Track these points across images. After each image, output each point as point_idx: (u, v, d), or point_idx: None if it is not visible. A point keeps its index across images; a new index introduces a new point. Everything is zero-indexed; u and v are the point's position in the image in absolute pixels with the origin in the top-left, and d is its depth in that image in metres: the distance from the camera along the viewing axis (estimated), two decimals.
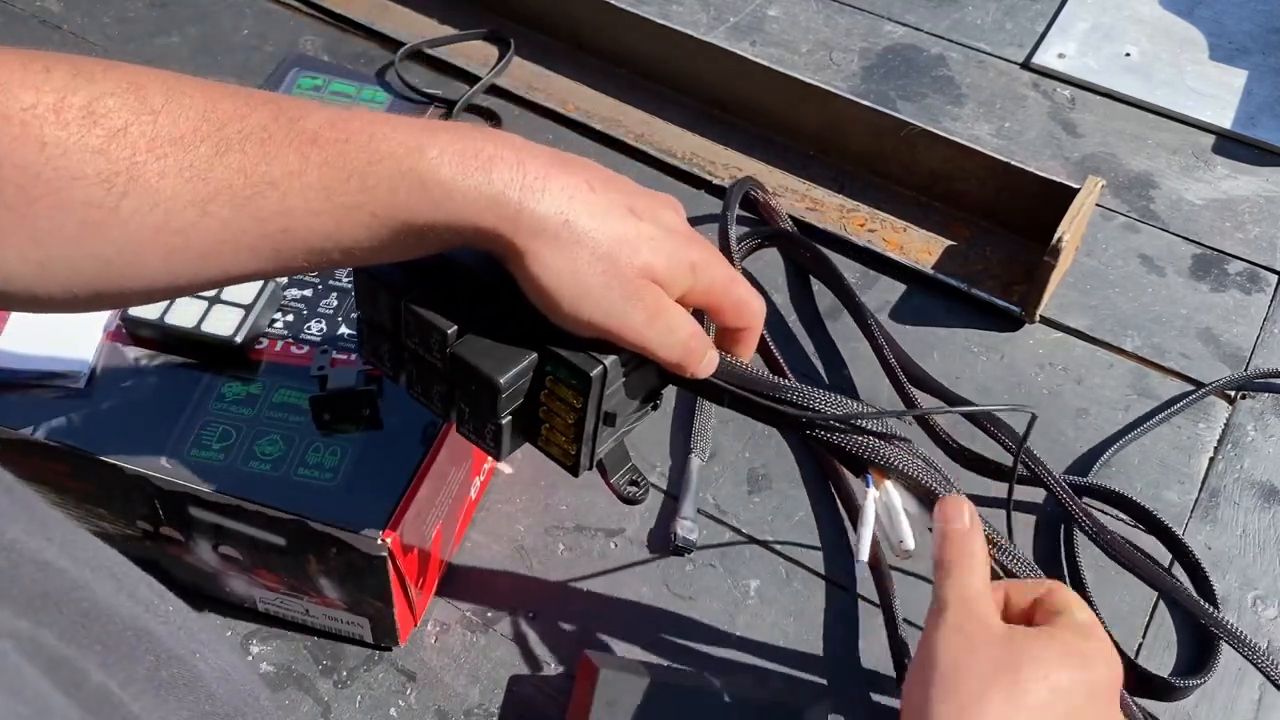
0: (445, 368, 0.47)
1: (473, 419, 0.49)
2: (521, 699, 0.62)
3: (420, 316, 0.47)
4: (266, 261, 0.43)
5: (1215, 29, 1.04)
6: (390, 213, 0.42)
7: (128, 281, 0.41)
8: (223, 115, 0.41)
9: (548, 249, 0.43)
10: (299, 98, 0.45)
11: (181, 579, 0.64)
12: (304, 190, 0.41)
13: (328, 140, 0.42)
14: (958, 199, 0.87)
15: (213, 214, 0.40)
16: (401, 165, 0.42)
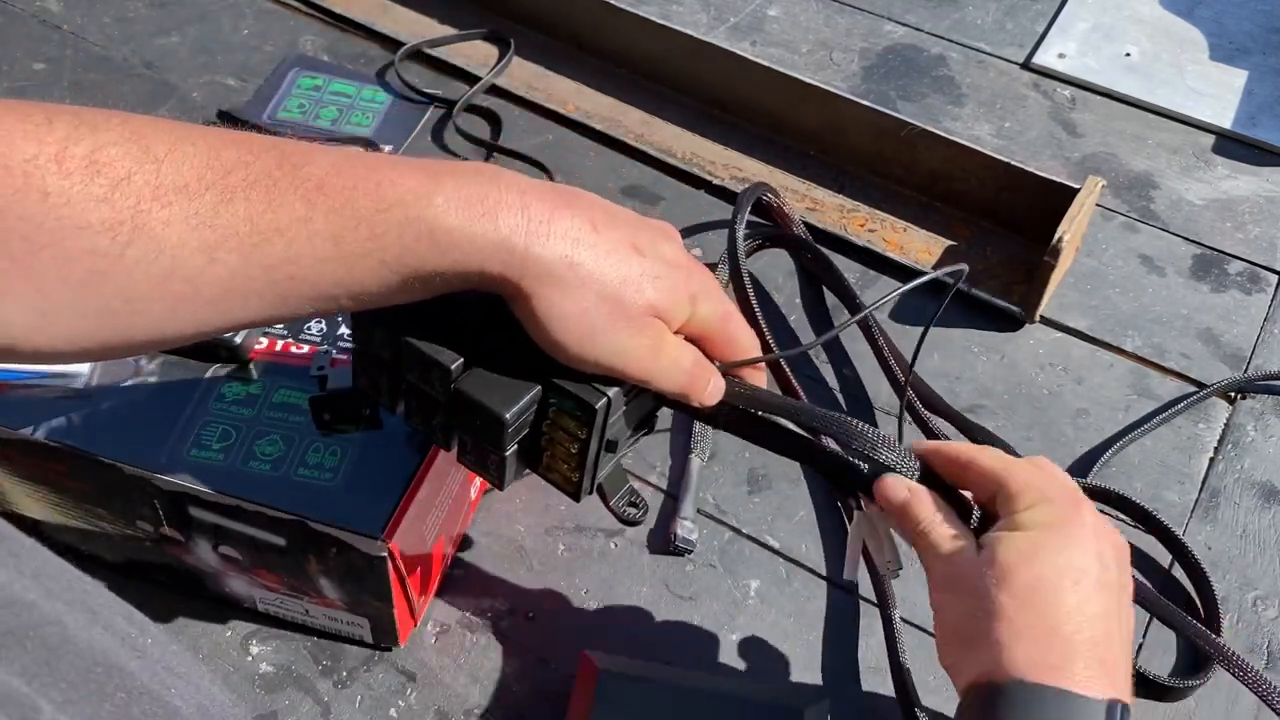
0: (447, 402, 0.47)
1: (475, 450, 0.49)
2: (521, 699, 0.62)
3: (421, 352, 0.47)
4: (273, 308, 0.43)
5: (1215, 29, 1.04)
6: (399, 260, 0.42)
7: (133, 331, 0.41)
8: (227, 162, 0.41)
9: (555, 292, 0.44)
10: (301, 142, 0.44)
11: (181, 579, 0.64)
12: (311, 238, 0.41)
13: (334, 187, 0.42)
14: (958, 199, 0.87)
15: (220, 261, 0.40)
16: (409, 213, 0.42)
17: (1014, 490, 0.47)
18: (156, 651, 0.41)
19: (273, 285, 0.42)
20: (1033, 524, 0.46)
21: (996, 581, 0.44)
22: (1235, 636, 0.66)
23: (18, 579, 0.36)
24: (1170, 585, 0.68)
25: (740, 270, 0.76)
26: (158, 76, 0.97)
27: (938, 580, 0.47)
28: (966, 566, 0.46)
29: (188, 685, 0.41)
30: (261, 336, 0.64)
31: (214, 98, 0.95)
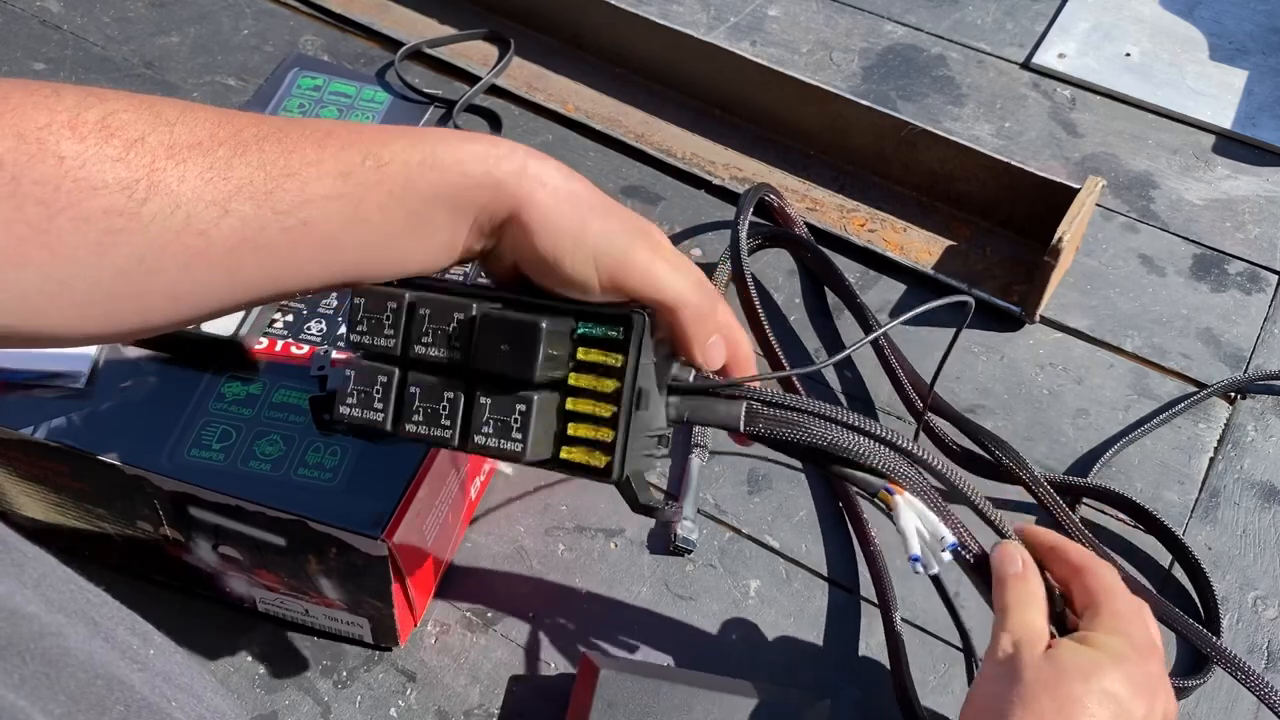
0: (465, 355, 0.45)
1: (494, 413, 0.45)
2: (521, 699, 0.62)
3: (436, 300, 0.46)
4: (283, 267, 0.43)
5: (1215, 29, 1.04)
6: (405, 189, 0.43)
7: (147, 297, 0.41)
8: (238, 123, 0.42)
9: (552, 197, 0.45)
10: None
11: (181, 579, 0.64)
12: (322, 177, 0.42)
13: (341, 133, 0.44)
14: (958, 199, 0.87)
15: (234, 211, 0.41)
16: (413, 141, 0.44)
17: (1106, 612, 0.48)
18: (159, 662, 0.40)
19: (284, 233, 0.42)
20: (1104, 647, 0.47)
21: (1045, 683, 0.46)
22: (1235, 636, 0.66)
23: (19, 589, 0.36)
24: (1170, 585, 0.68)
25: (744, 271, 0.76)
26: (158, 76, 0.97)
27: (997, 657, 0.48)
28: (1028, 656, 0.47)
29: (189, 697, 0.40)
30: (261, 336, 0.64)
31: (214, 98, 0.95)
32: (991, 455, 0.68)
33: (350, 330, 0.47)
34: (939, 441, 0.71)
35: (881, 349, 0.74)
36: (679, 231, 0.87)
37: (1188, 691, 0.62)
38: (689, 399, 0.48)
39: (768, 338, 0.75)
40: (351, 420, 0.47)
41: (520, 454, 0.44)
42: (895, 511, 0.49)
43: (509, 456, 0.45)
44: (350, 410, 0.47)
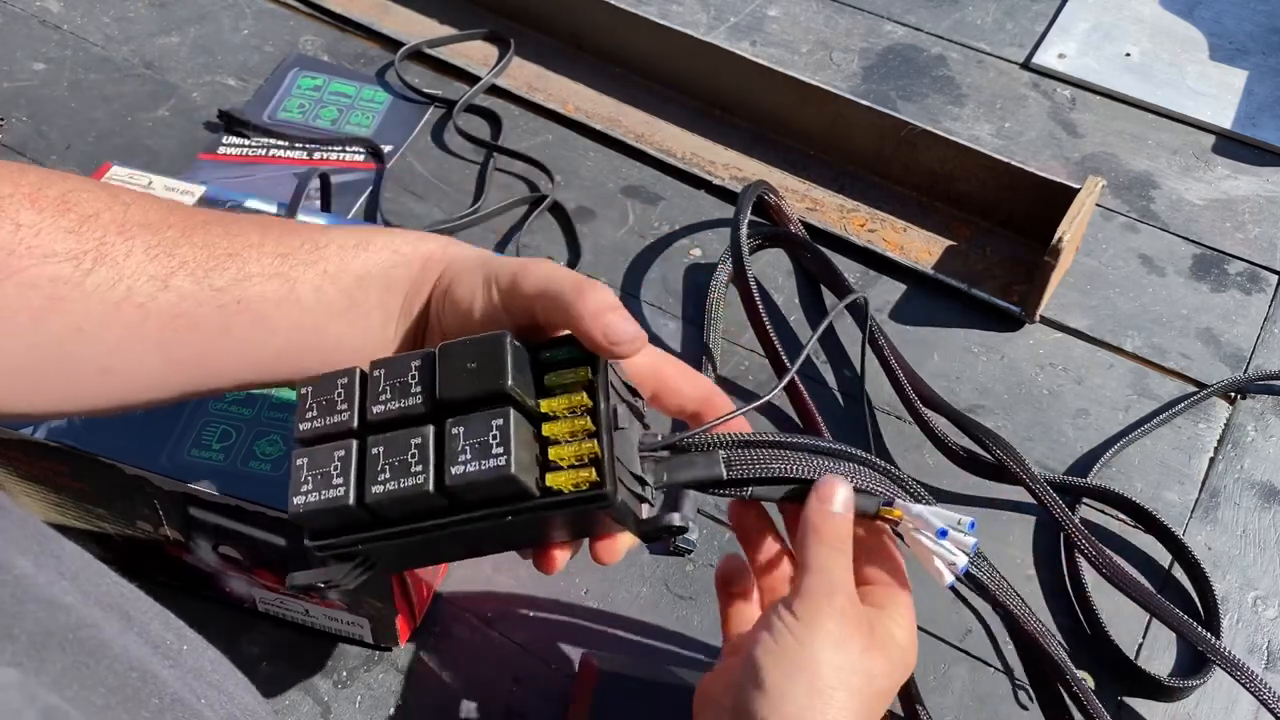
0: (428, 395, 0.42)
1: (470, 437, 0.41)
2: (521, 699, 0.62)
3: (390, 358, 0.43)
4: (217, 343, 0.43)
5: (1215, 29, 1.04)
6: (340, 268, 0.45)
7: (78, 368, 0.41)
8: (190, 210, 0.45)
9: (470, 255, 0.47)
10: None
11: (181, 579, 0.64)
12: (261, 258, 0.44)
13: (286, 224, 0.46)
14: (958, 199, 0.87)
15: (173, 287, 0.42)
16: (351, 232, 0.46)
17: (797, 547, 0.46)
18: (191, 659, 0.41)
19: (220, 310, 0.43)
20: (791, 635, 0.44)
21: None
22: (1235, 637, 0.66)
23: (58, 580, 0.37)
24: (1170, 585, 0.68)
25: (745, 269, 0.76)
26: (158, 76, 0.97)
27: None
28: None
29: (220, 694, 0.41)
30: None
31: (214, 98, 0.95)
32: (992, 455, 0.68)
33: (298, 423, 0.43)
34: (939, 441, 0.71)
35: (881, 349, 0.74)
36: (679, 231, 0.87)
37: (1188, 691, 0.62)
38: (662, 463, 0.46)
39: (769, 337, 0.75)
40: (308, 508, 0.41)
41: (505, 468, 0.40)
42: (905, 519, 0.47)
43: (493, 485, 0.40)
44: (306, 499, 0.41)
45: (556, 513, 0.42)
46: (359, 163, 0.90)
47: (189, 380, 0.44)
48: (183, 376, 0.44)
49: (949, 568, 0.46)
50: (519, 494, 0.41)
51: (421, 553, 0.45)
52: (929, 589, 0.67)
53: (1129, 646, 0.65)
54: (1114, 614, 0.66)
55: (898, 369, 0.73)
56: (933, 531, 0.46)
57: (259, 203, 0.73)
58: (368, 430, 0.42)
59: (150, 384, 0.44)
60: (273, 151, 0.90)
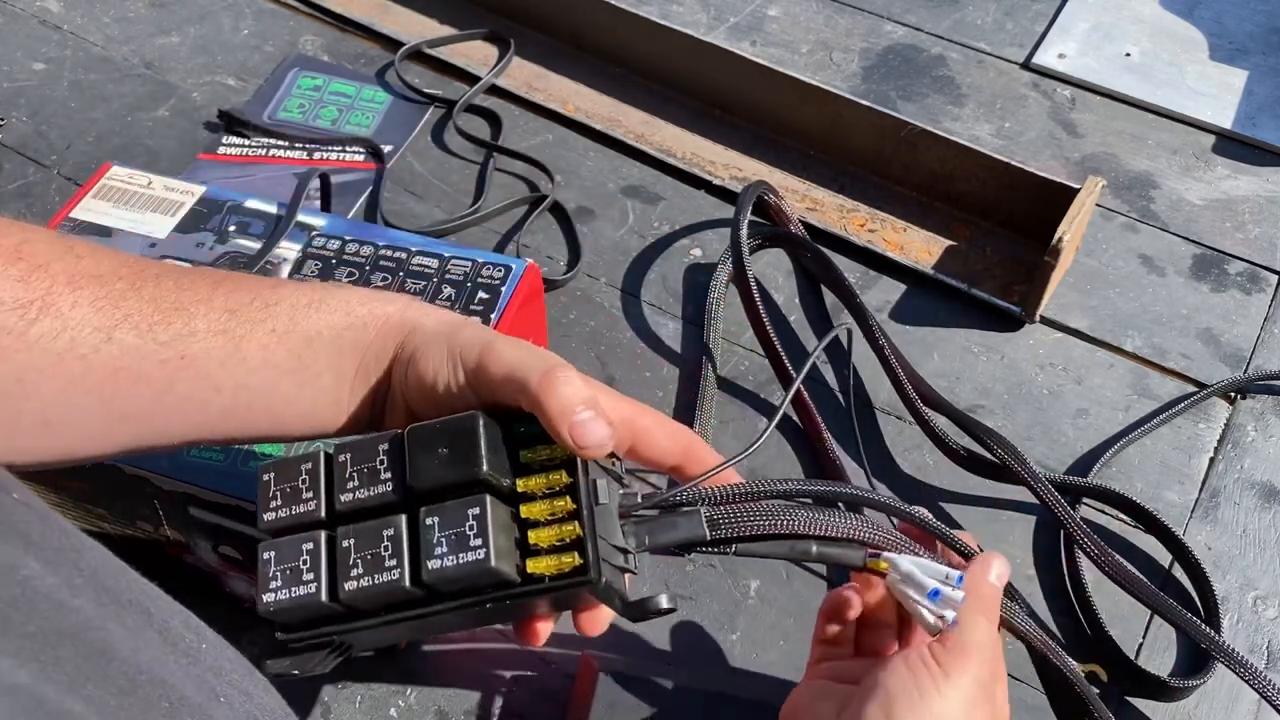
0: (400, 483, 0.41)
1: (445, 528, 0.39)
2: (521, 699, 0.62)
3: (356, 441, 0.42)
4: (159, 398, 0.42)
5: (1215, 29, 1.04)
6: (289, 327, 0.44)
7: (20, 419, 0.41)
8: (144, 264, 0.44)
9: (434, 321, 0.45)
10: None
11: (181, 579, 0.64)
12: (209, 313, 0.43)
13: (239, 279, 0.45)
14: (958, 199, 0.87)
15: (117, 340, 0.41)
16: (305, 288, 0.45)
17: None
18: (210, 657, 0.40)
19: (162, 365, 0.42)
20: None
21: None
22: (1235, 636, 0.66)
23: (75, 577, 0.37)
24: (1170, 585, 0.68)
25: (745, 269, 0.76)
26: (158, 76, 0.97)
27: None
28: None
29: (240, 694, 0.40)
30: None
31: (214, 98, 0.95)
32: (993, 454, 0.68)
33: (262, 513, 0.42)
34: (940, 441, 0.71)
35: (882, 349, 0.74)
36: (679, 231, 0.87)
37: (1188, 692, 0.62)
38: (644, 523, 0.44)
39: (770, 338, 0.75)
40: (279, 605, 0.40)
41: (484, 560, 0.38)
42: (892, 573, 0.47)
43: (472, 577, 0.39)
44: (277, 596, 0.40)
45: (538, 596, 0.41)
46: (359, 163, 0.90)
47: (132, 436, 0.43)
48: (126, 432, 0.43)
49: (939, 621, 0.46)
50: (500, 583, 0.40)
51: (395, 634, 0.43)
52: None
53: (1129, 646, 0.65)
54: (1114, 614, 0.66)
55: (898, 368, 0.73)
56: (924, 591, 0.46)
57: (259, 203, 0.73)
58: (337, 520, 0.41)
59: (92, 438, 0.43)
60: (273, 151, 0.90)
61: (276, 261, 0.69)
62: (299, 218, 0.72)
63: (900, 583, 0.47)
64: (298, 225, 0.72)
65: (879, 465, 0.73)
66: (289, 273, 0.69)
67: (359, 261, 0.69)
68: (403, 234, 0.71)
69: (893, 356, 0.74)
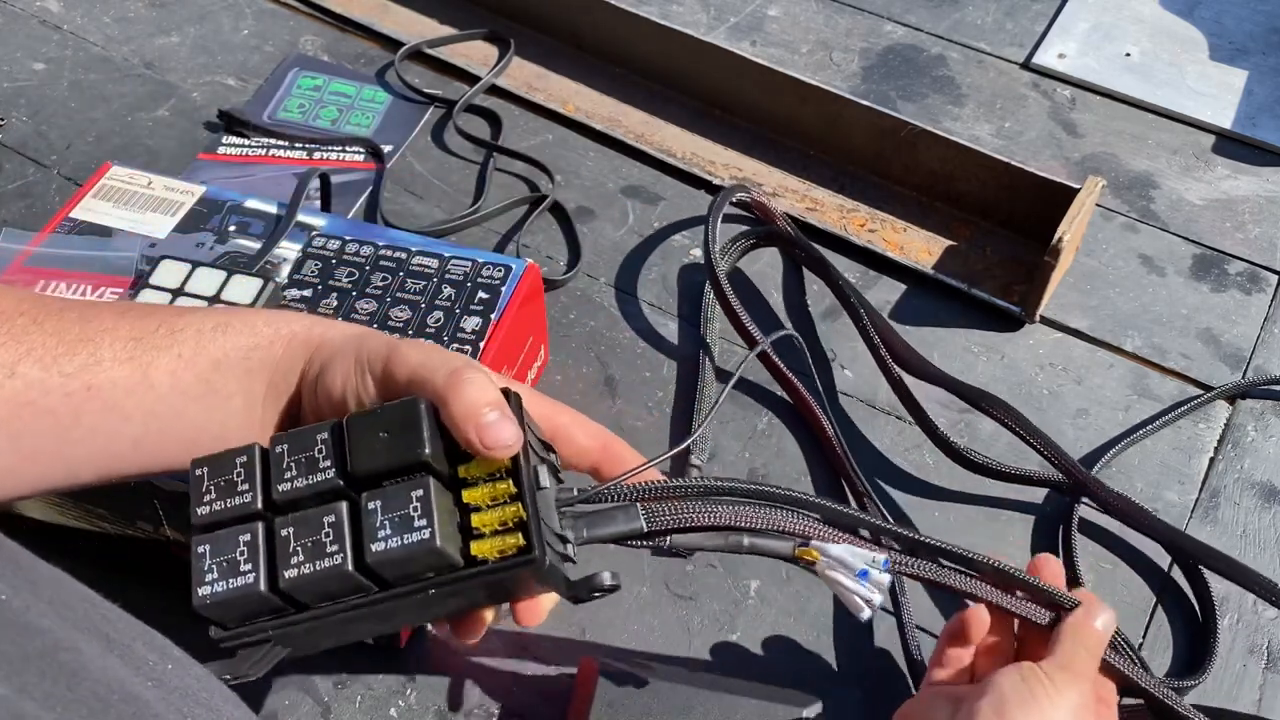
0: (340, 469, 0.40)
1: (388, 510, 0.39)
2: (521, 699, 0.62)
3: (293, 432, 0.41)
4: (68, 432, 0.42)
5: (1215, 29, 1.04)
6: (196, 351, 0.43)
7: None
8: (49, 300, 0.43)
9: (341, 334, 0.45)
10: None
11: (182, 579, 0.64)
12: (114, 343, 0.43)
13: (145, 308, 0.45)
14: (958, 199, 0.87)
15: (20, 374, 0.41)
16: (211, 314, 0.45)
17: (1064, 641, 0.51)
18: (176, 678, 0.40)
19: (68, 398, 0.41)
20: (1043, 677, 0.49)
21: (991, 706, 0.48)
22: (1235, 637, 0.66)
23: (34, 603, 0.36)
24: (1169, 586, 0.68)
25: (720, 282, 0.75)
26: (158, 76, 0.97)
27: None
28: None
29: (208, 712, 0.40)
30: None
31: (214, 98, 0.95)
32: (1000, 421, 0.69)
33: (195, 507, 0.40)
34: (941, 442, 0.71)
35: (877, 348, 0.74)
36: (679, 231, 0.87)
37: (1184, 691, 0.62)
38: (581, 518, 0.44)
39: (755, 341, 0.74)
40: (215, 598, 0.39)
41: (429, 540, 0.38)
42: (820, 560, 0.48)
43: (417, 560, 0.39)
44: (213, 589, 0.39)
45: (482, 580, 0.40)
46: (359, 163, 0.90)
47: (44, 474, 0.43)
48: (37, 470, 0.43)
49: (867, 604, 0.48)
50: (444, 566, 0.39)
51: (336, 632, 0.42)
52: (934, 591, 0.67)
53: None
54: None
55: (891, 365, 0.73)
56: (853, 572, 0.48)
57: (259, 203, 0.73)
58: (275, 511, 0.40)
59: (3, 478, 0.42)
60: (273, 151, 0.90)
61: (276, 261, 0.69)
62: (299, 218, 0.72)
63: (829, 568, 0.48)
64: (298, 225, 0.72)
65: (879, 465, 0.73)
66: (289, 272, 0.69)
67: (359, 261, 0.69)
68: (403, 234, 0.71)
69: (886, 353, 0.74)
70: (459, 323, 0.66)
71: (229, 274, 0.66)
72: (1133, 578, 0.68)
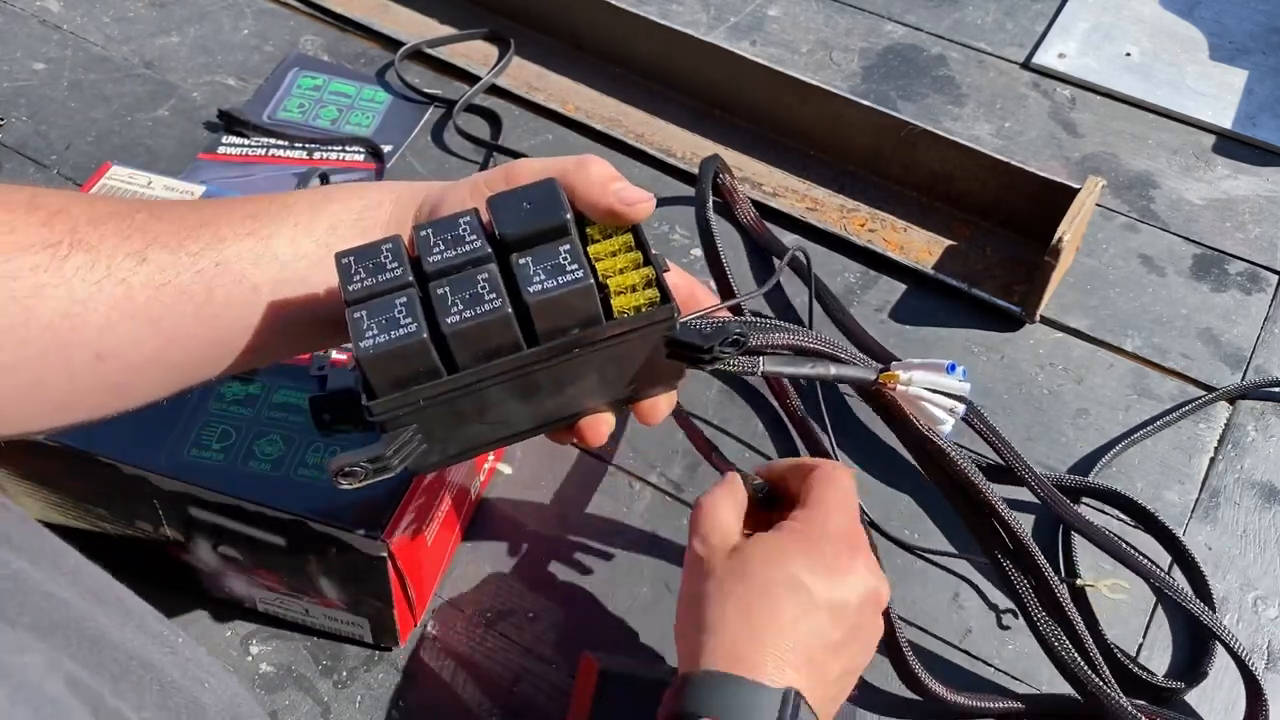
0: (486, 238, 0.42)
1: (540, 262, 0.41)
2: (521, 699, 0.62)
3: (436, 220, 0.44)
4: (203, 308, 0.44)
5: (1215, 29, 1.04)
6: (311, 217, 0.46)
7: (72, 351, 0.42)
8: (155, 201, 0.47)
9: (438, 183, 0.48)
10: None
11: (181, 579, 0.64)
12: (231, 221, 0.45)
13: (250, 196, 0.47)
14: (958, 199, 0.87)
15: (151, 259, 0.43)
16: (314, 190, 0.47)
17: (810, 500, 0.51)
18: (187, 650, 0.42)
19: (199, 276, 0.43)
20: (791, 533, 0.49)
21: (733, 574, 0.48)
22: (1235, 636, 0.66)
23: (56, 575, 0.37)
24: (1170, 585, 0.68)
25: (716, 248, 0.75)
26: (158, 76, 0.97)
27: (692, 555, 0.51)
28: (716, 553, 0.50)
29: (218, 681, 0.42)
30: None
31: (214, 98, 0.95)
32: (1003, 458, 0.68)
33: (346, 285, 0.42)
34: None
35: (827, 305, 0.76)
36: (679, 231, 0.87)
37: (1182, 692, 0.62)
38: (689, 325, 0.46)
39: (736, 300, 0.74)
40: (379, 349, 0.40)
41: (583, 279, 0.40)
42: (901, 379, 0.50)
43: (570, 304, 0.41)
44: (374, 340, 0.40)
45: (619, 344, 0.43)
46: (359, 162, 0.90)
47: (187, 360, 0.45)
48: (178, 355, 0.44)
49: (950, 414, 0.50)
50: (592, 316, 0.42)
51: (472, 427, 0.44)
52: (927, 589, 0.67)
53: (1129, 647, 0.65)
54: (1113, 617, 0.66)
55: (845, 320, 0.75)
56: (940, 370, 0.51)
57: None
58: (426, 280, 0.42)
59: (144, 369, 0.44)
60: (273, 151, 0.90)
61: None
62: None
63: (912, 384, 0.51)
64: None
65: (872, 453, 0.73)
66: None
67: None
68: None
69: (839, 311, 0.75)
70: None
71: None
72: (1132, 578, 0.68)
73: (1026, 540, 0.59)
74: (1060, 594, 0.60)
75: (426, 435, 0.43)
